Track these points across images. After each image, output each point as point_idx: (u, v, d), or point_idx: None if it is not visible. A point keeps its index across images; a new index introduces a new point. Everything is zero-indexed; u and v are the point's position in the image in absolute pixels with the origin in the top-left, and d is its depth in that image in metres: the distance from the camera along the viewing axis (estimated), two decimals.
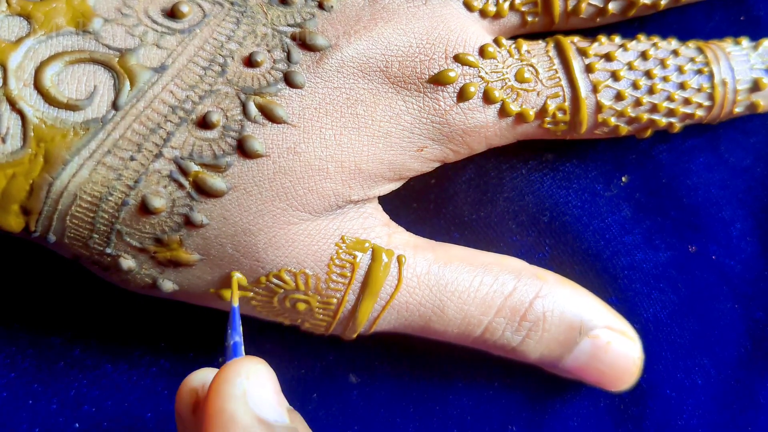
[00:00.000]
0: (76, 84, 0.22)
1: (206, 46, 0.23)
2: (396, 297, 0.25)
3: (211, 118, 0.22)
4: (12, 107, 0.22)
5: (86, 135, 0.22)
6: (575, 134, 0.26)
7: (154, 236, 0.23)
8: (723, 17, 0.29)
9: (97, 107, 0.22)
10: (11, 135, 0.22)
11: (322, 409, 0.29)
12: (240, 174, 0.23)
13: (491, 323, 0.25)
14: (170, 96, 0.22)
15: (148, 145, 0.22)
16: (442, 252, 0.26)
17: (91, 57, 0.22)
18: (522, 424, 0.29)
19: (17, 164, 0.22)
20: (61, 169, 0.22)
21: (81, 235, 0.23)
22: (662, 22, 0.29)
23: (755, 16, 0.29)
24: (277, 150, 0.23)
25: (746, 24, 0.29)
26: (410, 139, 0.25)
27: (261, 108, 0.23)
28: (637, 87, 0.25)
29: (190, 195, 0.23)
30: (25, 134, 0.22)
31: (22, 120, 0.22)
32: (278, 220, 0.23)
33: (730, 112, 0.26)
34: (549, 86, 0.25)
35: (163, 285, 0.24)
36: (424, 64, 0.24)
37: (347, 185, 0.24)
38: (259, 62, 0.23)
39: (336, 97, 0.24)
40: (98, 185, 0.22)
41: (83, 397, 0.29)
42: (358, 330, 0.26)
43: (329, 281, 0.24)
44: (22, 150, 0.22)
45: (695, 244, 0.29)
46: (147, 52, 0.23)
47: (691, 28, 0.29)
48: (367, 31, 0.24)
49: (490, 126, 0.25)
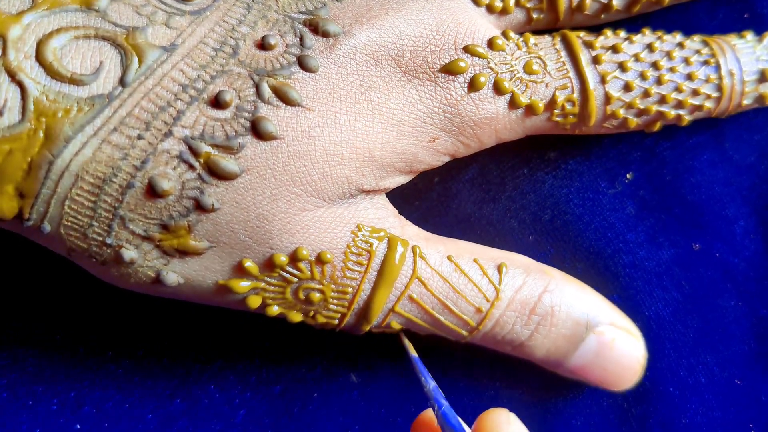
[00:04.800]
0: (80, 59, 0.21)
1: (217, 28, 0.22)
2: (410, 287, 0.24)
3: (224, 98, 0.22)
4: (11, 78, 0.20)
5: (91, 111, 0.21)
6: (584, 127, 0.26)
7: (160, 222, 0.22)
8: (726, 14, 0.30)
9: (102, 83, 0.21)
10: (9, 108, 0.20)
11: (323, 409, 0.29)
12: (253, 156, 0.22)
13: (502, 316, 0.25)
14: (181, 75, 0.22)
15: (156, 124, 0.21)
16: (452, 245, 0.26)
17: (97, 33, 0.21)
18: (523, 423, 0.29)
19: (14, 139, 0.20)
20: (63, 147, 0.21)
21: (80, 223, 0.22)
22: (665, 20, 0.29)
23: (759, 14, 0.29)
24: (291, 133, 0.22)
25: (750, 21, 0.29)
26: (422, 128, 0.24)
27: (275, 89, 0.22)
28: (644, 78, 0.25)
29: (200, 177, 0.22)
30: (24, 107, 0.20)
31: (21, 92, 0.20)
32: (293, 205, 0.23)
33: (738, 104, 0.27)
34: (557, 78, 0.25)
35: (167, 278, 0.23)
36: (435, 54, 0.24)
37: (361, 172, 0.24)
38: (272, 45, 0.22)
39: (350, 83, 0.23)
40: (102, 165, 0.21)
41: (84, 397, 0.28)
42: (371, 321, 0.25)
43: (345, 269, 0.24)
44: (20, 124, 0.20)
45: (699, 242, 0.29)
46: (156, 31, 0.22)
47: (695, 25, 0.29)
48: (378, 20, 0.24)
49: (500, 117, 0.25)
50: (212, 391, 0.29)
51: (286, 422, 0.29)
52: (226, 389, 0.29)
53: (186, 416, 0.29)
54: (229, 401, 0.29)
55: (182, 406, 0.29)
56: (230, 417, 0.29)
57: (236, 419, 0.29)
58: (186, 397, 0.29)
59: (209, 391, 0.29)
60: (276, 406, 0.29)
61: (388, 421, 0.29)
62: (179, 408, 0.29)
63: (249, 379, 0.29)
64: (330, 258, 0.23)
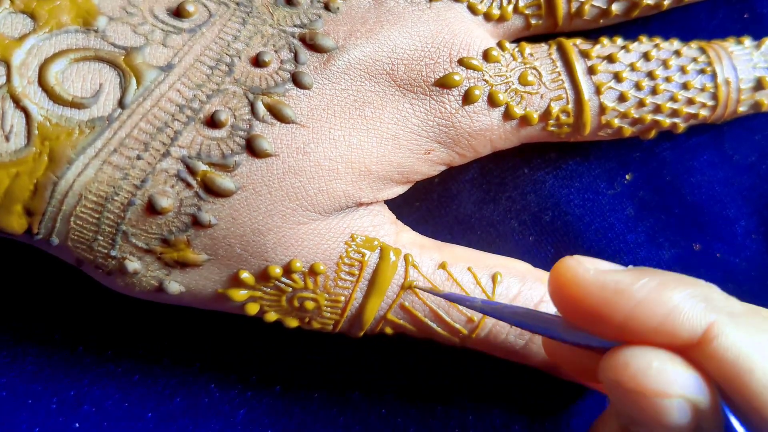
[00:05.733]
0: (81, 82, 0.22)
1: (213, 45, 0.23)
2: (402, 296, 0.25)
3: (219, 117, 0.22)
4: (16, 105, 0.21)
5: (92, 133, 0.22)
6: (579, 136, 0.26)
7: (160, 237, 0.23)
8: (726, 15, 0.29)
9: (102, 105, 0.22)
10: (15, 133, 0.21)
11: (324, 409, 0.29)
12: (249, 174, 0.23)
13: (495, 326, 0.25)
14: (177, 95, 0.22)
15: (155, 144, 0.22)
16: (448, 252, 0.26)
17: (97, 55, 0.22)
18: (524, 423, 0.29)
19: (21, 163, 0.21)
20: (66, 168, 0.22)
21: (85, 237, 0.23)
22: (665, 21, 0.29)
23: (759, 14, 0.29)
24: (286, 150, 0.23)
25: (750, 22, 0.29)
26: (417, 141, 0.25)
27: (269, 108, 0.23)
28: (639, 88, 0.26)
29: (198, 195, 0.22)
30: (29, 132, 0.21)
31: (26, 118, 0.21)
32: (288, 220, 0.23)
33: (734, 111, 0.27)
34: (552, 89, 0.25)
35: (169, 287, 0.24)
36: (430, 67, 0.24)
37: (357, 186, 0.24)
38: (266, 62, 0.23)
39: (344, 98, 0.24)
40: (104, 185, 0.22)
41: (84, 396, 0.28)
42: (364, 328, 0.25)
43: (338, 279, 0.24)
44: (26, 148, 0.21)
45: (699, 242, 0.29)
46: (153, 50, 0.22)
47: (695, 26, 0.29)
48: (373, 33, 0.24)
49: (495, 129, 0.25)
50: (212, 390, 0.29)
51: (286, 422, 0.29)
52: (226, 388, 0.29)
53: (186, 415, 0.29)
54: (229, 400, 0.29)
55: (182, 405, 0.29)
56: (230, 416, 0.29)
57: (236, 418, 0.29)
58: (186, 396, 0.29)
59: (209, 390, 0.29)
60: (276, 405, 0.29)
61: (388, 421, 0.29)
62: (179, 407, 0.29)
63: (249, 378, 0.29)
64: (323, 269, 0.24)
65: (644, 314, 0.18)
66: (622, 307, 0.18)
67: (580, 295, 0.19)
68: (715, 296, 0.18)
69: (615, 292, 0.18)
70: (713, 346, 0.17)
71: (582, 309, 0.19)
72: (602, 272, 0.19)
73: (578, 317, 0.19)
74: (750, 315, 0.18)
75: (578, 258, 0.19)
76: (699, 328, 0.17)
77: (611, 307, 0.18)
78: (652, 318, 0.18)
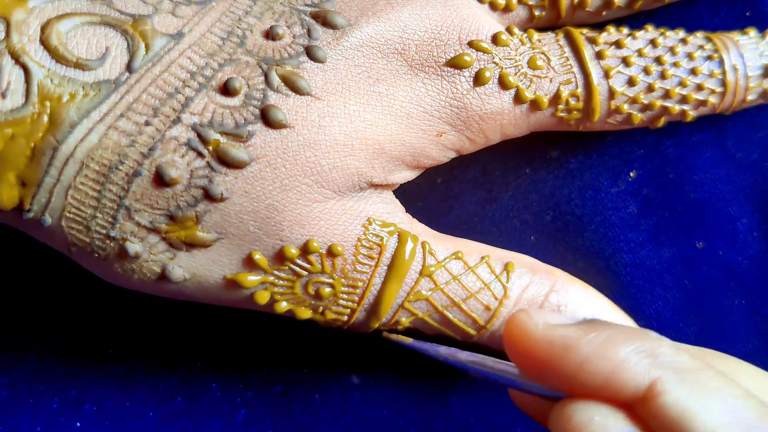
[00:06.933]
0: (86, 44, 0.21)
1: (223, 18, 0.22)
2: (420, 283, 0.24)
3: (233, 85, 0.21)
4: (15, 61, 0.20)
5: (97, 96, 0.20)
6: (589, 123, 0.26)
7: (167, 213, 0.21)
8: (729, 12, 0.30)
9: (109, 68, 0.21)
10: (12, 90, 0.20)
11: (324, 410, 0.29)
12: (263, 145, 0.22)
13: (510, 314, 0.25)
14: (188, 62, 0.21)
15: (165, 110, 0.21)
16: (461, 244, 0.26)
17: (103, 20, 0.21)
18: (526, 424, 0.29)
19: (17, 123, 0.20)
20: (68, 132, 0.20)
21: (82, 215, 0.21)
22: (667, 17, 0.30)
23: (761, 12, 0.30)
24: (301, 122, 0.22)
25: (752, 20, 0.30)
26: (430, 122, 0.24)
27: (284, 78, 0.22)
28: (648, 72, 0.26)
29: (209, 165, 0.21)
30: (28, 91, 0.20)
31: (25, 75, 0.20)
32: (303, 196, 0.22)
33: (743, 99, 0.27)
34: (561, 73, 0.25)
35: (173, 273, 0.22)
36: (440, 48, 0.24)
37: (370, 164, 0.24)
38: (279, 35, 0.22)
39: (358, 74, 0.23)
40: (108, 152, 0.20)
41: (85, 396, 0.28)
42: (381, 317, 0.24)
43: (356, 263, 0.23)
44: (23, 108, 0.20)
45: (702, 240, 0.29)
46: (162, 19, 0.22)
47: (697, 23, 0.30)
48: (384, 13, 0.24)
49: (505, 112, 0.25)
50: (214, 389, 0.29)
51: (287, 422, 0.29)
52: (227, 388, 0.29)
53: (187, 415, 0.28)
54: (230, 400, 0.29)
55: (183, 405, 0.28)
56: (231, 416, 0.28)
57: (237, 418, 0.28)
58: (187, 395, 0.29)
59: (211, 390, 0.29)
60: (277, 406, 0.29)
61: (389, 422, 0.29)
62: (180, 406, 0.28)
63: (251, 378, 0.29)
64: (341, 251, 0.23)
65: (590, 370, 0.18)
66: (570, 363, 0.18)
67: (530, 350, 0.19)
68: (664, 351, 0.18)
69: (563, 348, 0.18)
70: (657, 403, 0.17)
71: (533, 363, 0.19)
72: (551, 327, 0.19)
73: (530, 371, 0.19)
74: (698, 371, 0.18)
75: (529, 312, 0.19)
76: (643, 384, 0.17)
77: (559, 362, 0.18)
78: (598, 373, 0.18)
